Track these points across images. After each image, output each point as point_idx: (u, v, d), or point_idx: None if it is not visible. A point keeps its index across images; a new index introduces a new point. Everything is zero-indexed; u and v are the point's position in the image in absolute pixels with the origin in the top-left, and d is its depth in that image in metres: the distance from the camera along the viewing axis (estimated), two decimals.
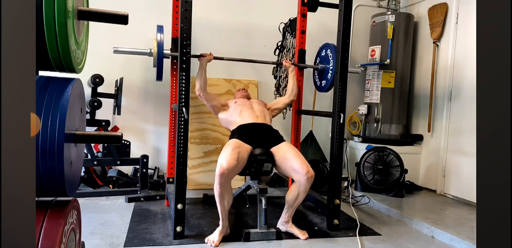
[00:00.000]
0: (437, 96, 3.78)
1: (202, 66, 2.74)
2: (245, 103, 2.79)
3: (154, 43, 2.59)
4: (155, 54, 2.57)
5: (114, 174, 3.45)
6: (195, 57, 2.77)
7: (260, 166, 2.40)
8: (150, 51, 2.60)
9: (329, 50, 2.97)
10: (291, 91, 3.04)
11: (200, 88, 2.71)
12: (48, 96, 1.06)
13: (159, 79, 2.69)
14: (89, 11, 1.25)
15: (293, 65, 3.08)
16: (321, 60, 3.12)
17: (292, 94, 3.04)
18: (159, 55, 2.57)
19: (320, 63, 3.13)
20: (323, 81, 3.08)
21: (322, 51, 3.12)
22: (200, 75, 2.72)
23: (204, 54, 2.77)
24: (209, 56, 2.77)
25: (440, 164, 3.67)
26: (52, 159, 1.03)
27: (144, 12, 3.74)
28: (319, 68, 3.11)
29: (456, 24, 3.59)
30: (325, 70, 3.04)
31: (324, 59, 3.07)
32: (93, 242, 2.22)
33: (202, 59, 2.75)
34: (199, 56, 2.75)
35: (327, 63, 3.01)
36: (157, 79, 2.69)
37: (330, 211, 2.59)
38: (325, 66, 3.05)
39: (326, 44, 3.06)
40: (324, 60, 3.07)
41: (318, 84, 3.19)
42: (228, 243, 2.29)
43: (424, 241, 2.50)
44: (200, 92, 2.71)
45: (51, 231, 1.05)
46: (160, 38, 2.60)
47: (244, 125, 2.57)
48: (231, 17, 4.00)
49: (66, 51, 1.11)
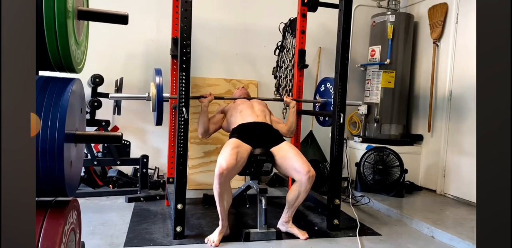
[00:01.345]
0: (437, 96, 3.78)
1: (203, 109, 2.65)
2: (245, 103, 2.79)
3: (152, 87, 2.41)
4: (153, 99, 2.41)
5: (114, 174, 3.45)
6: (195, 99, 2.70)
7: (260, 166, 2.40)
8: (148, 96, 2.46)
9: (329, 84, 2.93)
10: (289, 128, 2.87)
11: (204, 132, 2.66)
12: (48, 96, 1.06)
13: (158, 124, 2.52)
14: (89, 11, 1.25)
15: (294, 101, 2.98)
16: (321, 95, 3.08)
17: (290, 132, 2.87)
18: (158, 99, 2.41)
19: (321, 97, 3.07)
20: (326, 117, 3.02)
21: (321, 85, 3.08)
22: (203, 119, 2.64)
23: (205, 95, 2.70)
24: (210, 96, 2.69)
25: (440, 164, 3.67)
26: (52, 159, 1.03)
27: (144, 12, 3.74)
28: (320, 102, 3.03)
29: (456, 24, 3.59)
30: (327, 103, 2.98)
31: (324, 93, 3.03)
32: (93, 242, 2.22)
33: (203, 100, 2.66)
34: (199, 97, 2.69)
35: (328, 97, 2.95)
36: (156, 124, 2.53)
37: (330, 211, 2.59)
38: (326, 100, 2.99)
39: (326, 78, 3.03)
40: (324, 94, 3.02)
41: (321, 119, 3.11)
42: (228, 243, 2.29)
43: (424, 241, 2.50)
44: (204, 136, 2.68)
45: (51, 231, 1.05)
46: (159, 82, 2.42)
47: (244, 124, 2.56)
48: (231, 17, 4.00)
49: (66, 51, 1.11)
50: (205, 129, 2.67)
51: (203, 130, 2.66)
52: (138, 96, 2.55)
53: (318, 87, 3.15)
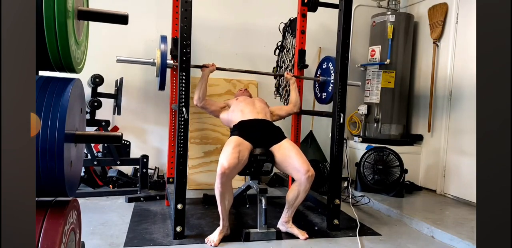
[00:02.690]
0: (437, 96, 3.78)
1: (204, 77, 2.70)
2: (247, 100, 2.79)
3: (157, 53, 2.56)
4: (158, 65, 2.55)
5: (114, 174, 3.45)
6: (197, 68, 2.74)
7: (260, 166, 2.40)
8: (153, 61, 2.58)
9: (330, 63, 2.95)
10: (294, 102, 3.02)
11: (198, 98, 2.69)
12: (48, 96, 1.06)
13: (161, 89, 2.65)
14: (89, 11, 1.25)
15: (294, 77, 3.05)
16: (322, 73, 3.09)
17: (296, 106, 3.03)
18: (162, 65, 2.54)
19: (321, 76, 3.10)
20: (324, 93, 3.05)
21: (323, 63, 3.09)
22: (200, 86, 2.68)
23: (206, 64, 2.73)
24: (212, 66, 2.73)
25: (440, 164, 3.67)
26: (52, 159, 1.03)
27: (144, 12, 3.74)
28: (320, 80, 3.07)
29: (456, 24, 3.59)
30: (326, 82, 3.01)
31: (325, 71, 3.04)
32: (93, 242, 2.22)
33: (205, 70, 2.71)
34: (202, 66, 2.72)
35: (328, 76, 2.97)
36: (159, 89, 2.66)
37: (330, 211, 2.59)
38: (326, 78, 3.01)
39: (327, 57, 3.04)
40: (325, 73, 3.04)
41: (319, 96, 3.16)
42: (228, 243, 2.29)
43: (424, 241, 2.50)
44: (198, 102, 2.70)
45: (51, 231, 1.05)
46: (164, 49, 2.55)
47: (245, 121, 2.56)
48: (231, 17, 4.00)
49: (66, 51, 1.11)
50: (200, 96, 2.69)
51: (197, 96, 2.69)
52: (144, 60, 2.62)
53: (321, 64, 3.15)
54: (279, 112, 2.94)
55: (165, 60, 2.55)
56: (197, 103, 2.71)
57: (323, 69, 3.09)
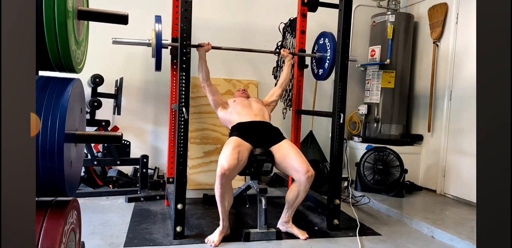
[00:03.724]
0: (437, 96, 3.78)
1: (201, 56, 2.73)
2: (244, 102, 2.79)
3: (152, 33, 2.56)
4: (153, 45, 2.54)
5: (114, 174, 3.45)
6: (193, 47, 2.74)
7: (260, 166, 2.40)
8: (148, 42, 2.58)
9: (327, 39, 2.96)
10: (283, 80, 3.02)
11: (203, 79, 2.72)
12: (48, 96, 1.06)
13: (158, 69, 2.67)
14: (89, 11, 1.25)
15: (291, 54, 3.06)
16: (319, 49, 3.10)
17: (284, 83, 3.02)
18: (157, 45, 2.54)
19: (317, 51, 3.11)
20: (321, 69, 3.07)
21: (320, 39, 3.10)
22: (200, 66, 2.72)
23: (202, 44, 2.75)
24: (207, 46, 2.75)
25: (440, 164, 3.66)
26: (52, 159, 1.03)
27: (144, 12, 3.74)
28: (316, 56, 3.09)
29: (456, 24, 3.59)
30: (322, 58, 3.03)
31: (321, 47, 3.05)
32: (93, 242, 2.22)
33: (200, 49, 2.74)
34: (197, 46, 2.74)
35: (324, 52, 2.99)
36: (156, 69, 2.67)
37: (330, 211, 2.59)
38: (322, 54, 3.03)
39: (324, 32, 3.05)
40: (321, 49, 3.05)
41: (316, 72, 3.18)
42: (228, 243, 2.29)
43: (424, 241, 2.50)
44: (204, 83, 2.73)
45: (51, 231, 1.05)
46: (158, 29, 2.56)
47: (243, 123, 2.56)
48: (231, 17, 4.00)
49: (66, 51, 1.11)
50: (204, 77, 2.72)
51: (201, 76, 2.72)
52: (140, 42, 2.62)
53: (317, 40, 3.15)
54: (272, 99, 2.97)
55: (160, 40, 2.55)
56: (203, 83, 2.74)
57: (319, 45, 3.10)
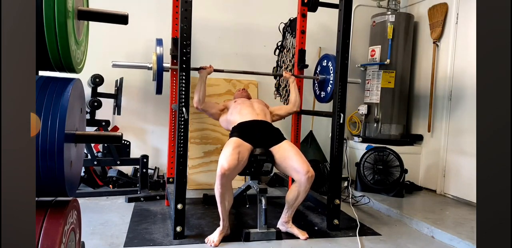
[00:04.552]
0: (437, 96, 3.78)
1: (202, 78, 2.68)
2: (245, 102, 2.79)
3: (153, 56, 2.50)
4: (154, 68, 2.50)
5: (114, 174, 3.45)
6: (195, 70, 2.72)
7: (260, 166, 2.40)
8: (149, 65, 2.53)
9: (330, 62, 2.93)
10: (294, 102, 2.99)
11: (198, 101, 2.67)
12: (48, 96, 1.06)
13: (158, 93, 2.61)
14: (89, 11, 1.25)
15: (293, 76, 3.02)
16: (321, 71, 3.07)
17: (295, 106, 2.99)
18: (159, 69, 2.49)
19: (320, 74, 3.08)
20: (323, 92, 3.04)
21: (322, 61, 3.08)
22: (199, 88, 2.66)
23: (204, 67, 2.72)
24: (209, 68, 2.72)
25: (440, 164, 3.67)
26: (52, 159, 1.03)
27: (144, 12, 3.75)
28: (319, 79, 3.05)
29: (456, 24, 3.59)
30: (325, 81, 2.99)
31: (324, 69, 3.03)
32: (93, 242, 2.22)
33: (202, 72, 2.69)
34: (199, 68, 2.71)
35: (327, 74, 2.96)
36: (156, 93, 2.62)
37: (330, 211, 2.59)
38: (325, 77, 2.99)
39: (326, 55, 3.03)
40: (324, 71, 3.02)
41: (318, 94, 3.15)
42: (228, 243, 2.29)
43: (424, 241, 2.50)
44: (198, 105, 2.68)
45: (51, 231, 1.05)
46: (160, 52, 2.51)
47: (244, 122, 2.56)
48: (231, 17, 4.00)
49: (66, 51, 1.11)
50: (200, 99, 2.67)
51: (197, 98, 2.68)
52: (140, 65, 2.59)
53: (320, 62, 3.12)
54: (278, 112, 2.93)
55: (162, 63, 2.50)
56: (197, 105, 2.69)
57: (322, 67, 3.08)
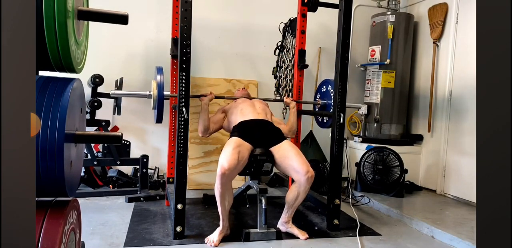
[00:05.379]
0: (437, 96, 3.78)
1: (204, 106, 2.63)
2: (246, 101, 2.79)
3: (153, 84, 2.45)
4: (154, 97, 2.44)
5: (114, 174, 3.45)
6: (196, 97, 2.69)
7: (260, 166, 2.40)
8: (149, 93, 2.48)
9: (330, 86, 2.91)
10: (290, 128, 2.85)
11: (204, 131, 2.63)
12: (48, 96, 1.06)
13: (159, 122, 2.56)
14: (89, 11, 1.25)
15: (294, 101, 2.99)
16: (322, 96, 3.07)
17: (291, 132, 2.86)
18: (159, 97, 2.44)
19: (321, 99, 3.07)
20: (325, 117, 3.02)
21: (322, 87, 3.07)
22: (203, 117, 2.62)
23: (205, 94, 2.69)
24: (210, 95, 2.69)
25: (440, 164, 3.66)
26: (52, 159, 1.03)
27: (144, 12, 3.74)
28: (320, 104, 3.04)
29: (456, 24, 3.59)
30: (326, 105, 2.98)
31: (324, 94, 3.02)
32: (93, 242, 2.22)
33: (204, 99, 2.65)
34: (200, 96, 2.68)
35: (328, 99, 2.94)
36: (156, 122, 2.57)
37: (330, 211, 2.59)
38: (326, 101, 2.98)
39: (326, 80, 3.02)
40: (325, 96, 3.02)
41: (320, 120, 3.14)
42: (228, 243, 2.29)
43: (424, 241, 2.50)
44: (204, 134, 2.65)
45: (51, 231, 1.05)
46: (160, 80, 2.45)
47: (245, 121, 2.55)
48: (231, 17, 4.00)
49: (66, 51, 1.11)
50: (205, 128, 2.64)
51: (203, 128, 2.64)
52: (139, 93, 2.56)
53: (319, 88, 3.15)
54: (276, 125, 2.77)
55: (162, 91, 2.44)
56: (203, 135, 2.65)
57: (322, 93, 3.08)
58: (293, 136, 2.95)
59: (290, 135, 2.89)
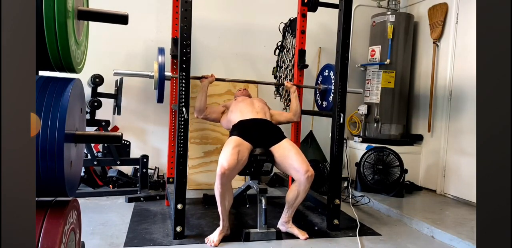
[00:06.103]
0: (437, 96, 3.78)
1: (203, 88, 2.65)
2: (246, 100, 2.79)
3: (155, 65, 2.50)
4: (156, 77, 2.49)
5: (114, 174, 3.45)
6: (196, 79, 2.70)
7: (260, 166, 2.40)
8: (151, 74, 2.53)
9: (331, 72, 2.91)
10: (294, 111, 2.90)
11: (199, 110, 2.65)
12: (48, 96, 1.06)
13: (160, 101, 2.60)
14: (89, 11, 1.25)
15: (294, 85, 2.98)
16: (323, 80, 3.07)
17: (295, 116, 2.90)
18: (160, 78, 2.48)
19: (322, 84, 3.07)
20: (325, 102, 3.03)
21: (324, 71, 3.07)
22: (200, 97, 2.63)
23: (205, 76, 2.70)
24: (211, 77, 2.69)
25: (440, 164, 3.66)
26: (52, 159, 1.03)
27: (144, 12, 3.74)
28: (321, 88, 3.04)
29: (456, 24, 3.59)
30: (327, 90, 2.98)
31: (326, 79, 3.02)
32: (93, 242, 2.22)
33: (204, 81, 2.66)
34: (201, 77, 2.69)
35: (329, 84, 2.94)
36: (158, 101, 2.60)
37: (330, 211, 2.59)
38: (327, 86, 2.98)
39: (328, 64, 3.01)
40: (326, 81, 3.01)
41: (319, 103, 3.14)
42: (228, 243, 2.29)
43: (424, 241, 2.50)
44: (199, 114, 2.66)
45: (51, 231, 1.05)
46: (161, 61, 2.50)
47: (244, 120, 2.55)
48: (231, 17, 4.00)
49: (66, 51, 1.11)
50: (201, 108, 2.65)
51: (198, 108, 2.65)
52: (142, 73, 2.59)
53: (321, 72, 3.12)
54: (278, 117, 2.85)
55: (163, 72, 2.48)
56: (198, 115, 2.66)
57: (324, 77, 3.07)
58: (298, 119, 2.98)
59: (296, 119, 2.92)
